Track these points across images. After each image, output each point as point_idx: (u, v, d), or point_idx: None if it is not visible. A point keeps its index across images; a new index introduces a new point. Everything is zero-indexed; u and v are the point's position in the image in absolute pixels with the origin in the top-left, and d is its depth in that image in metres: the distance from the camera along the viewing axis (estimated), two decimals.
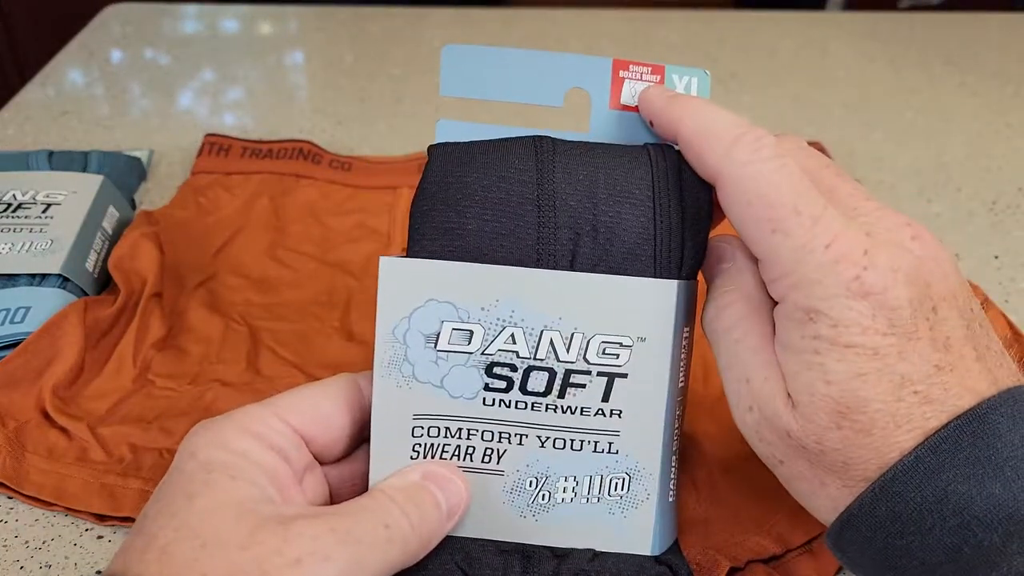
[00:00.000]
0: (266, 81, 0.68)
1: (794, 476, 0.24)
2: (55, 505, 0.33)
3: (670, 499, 0.27)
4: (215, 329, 0.40)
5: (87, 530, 0.32)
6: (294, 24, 0.79)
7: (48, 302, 0.39)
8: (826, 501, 0.23)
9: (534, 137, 0.27)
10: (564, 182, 0.26)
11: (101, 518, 0.32)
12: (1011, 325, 0.41)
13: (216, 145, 0.52)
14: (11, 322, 0.38)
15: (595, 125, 0.28)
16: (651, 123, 0.27)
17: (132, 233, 0.43)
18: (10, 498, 0.33)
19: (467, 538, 0.26)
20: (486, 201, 0.26)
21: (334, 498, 0.27)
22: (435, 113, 0.29)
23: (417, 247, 0.26)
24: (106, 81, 0.67)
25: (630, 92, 0.28)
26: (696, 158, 0.25)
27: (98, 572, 0.21)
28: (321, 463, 0.27)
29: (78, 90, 0.66)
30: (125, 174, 0.51)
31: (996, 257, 0.49)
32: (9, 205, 0.43)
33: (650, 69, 0.28)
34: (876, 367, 0.22)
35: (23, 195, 0.44)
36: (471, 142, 0.27)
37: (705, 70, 0.28)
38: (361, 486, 0.27)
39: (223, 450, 0.24)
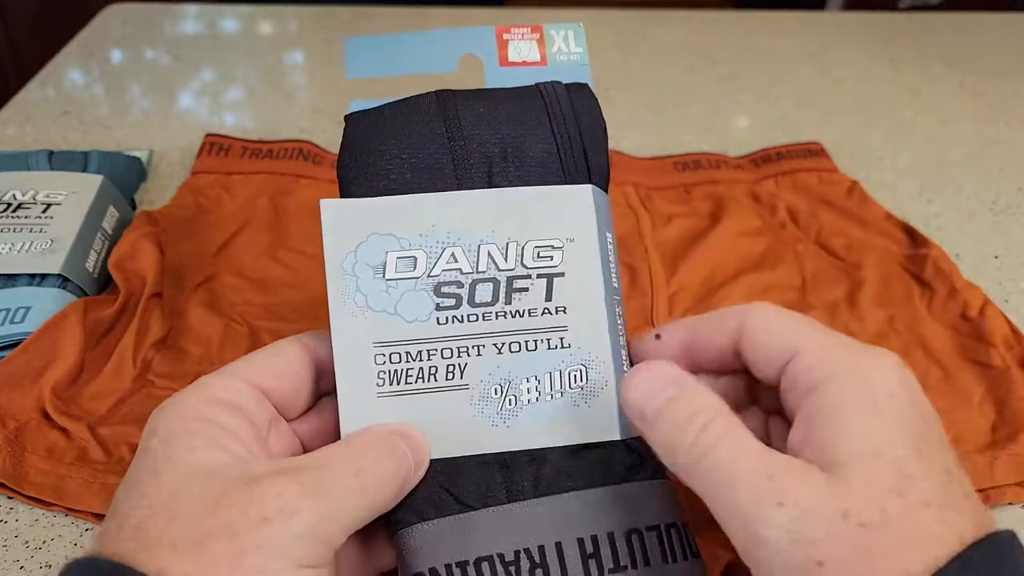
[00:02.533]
0: (266, 81, 0.68)
1: (841, 573, 0.21)
2: (55, 505, 0.33)
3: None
4: (215, 329, 0.40)
5: (87, 530, 0.32)
6: (294, 24, 0.79)
7: (48, 302, 0.39)
8: None
9: (436, 91, 0.30)
10: (467, 117, 0.29)
11: (101, 518, 0.32)
12: (1011, 325, 0.41)
13: (216, 145, 0.52)
14: (11, 322, 0.38)
15: (490, 83, 0.31)
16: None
17: (132, 233, 0.43)
18: (10, 498, 0.33)
19: (446, 459, 0.27)
20: (401, 144, 0.29)
21: (306, 451, 0.27)
22: (347, 96, 0.31)
23: (347, 196, 0.29)
24: (106, 81, 0.67)
25: (516, 51, 0.31)
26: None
27: (73, 559, 0.21)
28: (287, 419, 0.27)
29: (78, 90, 0.66)
30: (125, 174, 0.51)
31: (996, 257, 0.49)
32: (9, 205, 0.43)
33: (529, 28, 0.32)
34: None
35: (23, 195, 0.44)
36: (381, 104, 0.30)
37: (579, 23, 0.32)
38: (332, 435, 0.27)
39: (181, 421, 0.24)
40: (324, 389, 0.28)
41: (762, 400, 0.29)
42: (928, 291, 0.44)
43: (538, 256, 0.28)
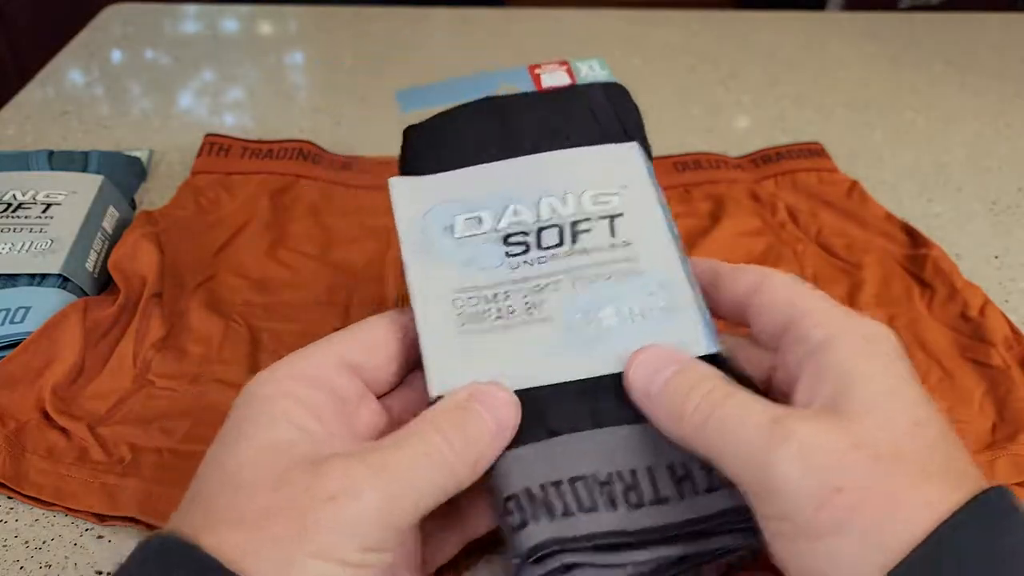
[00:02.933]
0: (266, 81, 0.68)
1: (861, 498, 0.21)
2: (55, 505, 0.33)
3: (707, 315, 0.28)
4: (215, 329, 0.40)
5: (87, 530, 0.32)
6: (294, 24, 0.79)
7: (48, 302, 0.39)
8: (899, 524, 0.20)
9: (484, 96, 0.33)
10: (515, 109, 0.33)
11: (101, 518, 0.32)
12: (1011, 325, 0.41)
13: (216, 145, 0.52)
14: (11, 322, 0.38)
15: None
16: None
17: (132, 233, 0.43)
18: (10, 498, 0.33)
19: (537, 391, 0.27)
20: (457, 139, 0.32)
21: (397, 427, 0.27)
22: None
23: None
24: (106, 81, 0.67)
25: (548, 79, 0.35)
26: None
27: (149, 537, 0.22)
28: (377, 395, 0.28)
29: (78, 90, 0.66)
30: (125, 174, 0.51)
31: (996, 257, 0.49)
32: (9, 205, 0.43)
33: (557, 63, 0.35)
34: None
35: (23, 195, 0.44)
36: (434, 116, 0.33)
37: (601, 58, 0.35)
38: (422, 409, 0.26)
39: (261, 396, 0.24)
40: (414, 363, 0.28)
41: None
42: (928, 291, 0.44)
43: (597, 201, 0.30)
